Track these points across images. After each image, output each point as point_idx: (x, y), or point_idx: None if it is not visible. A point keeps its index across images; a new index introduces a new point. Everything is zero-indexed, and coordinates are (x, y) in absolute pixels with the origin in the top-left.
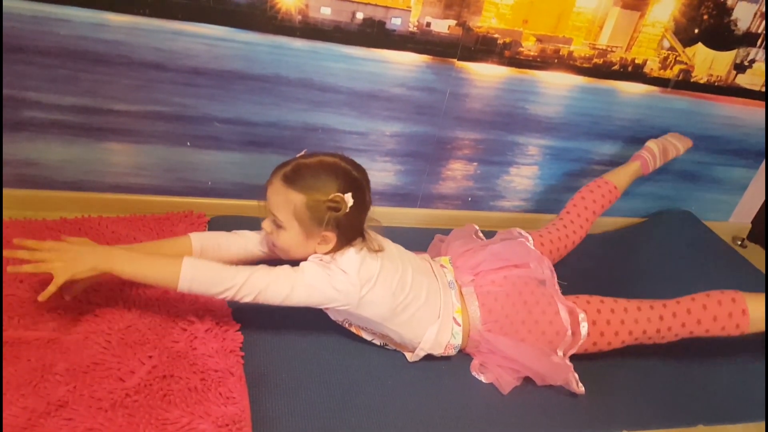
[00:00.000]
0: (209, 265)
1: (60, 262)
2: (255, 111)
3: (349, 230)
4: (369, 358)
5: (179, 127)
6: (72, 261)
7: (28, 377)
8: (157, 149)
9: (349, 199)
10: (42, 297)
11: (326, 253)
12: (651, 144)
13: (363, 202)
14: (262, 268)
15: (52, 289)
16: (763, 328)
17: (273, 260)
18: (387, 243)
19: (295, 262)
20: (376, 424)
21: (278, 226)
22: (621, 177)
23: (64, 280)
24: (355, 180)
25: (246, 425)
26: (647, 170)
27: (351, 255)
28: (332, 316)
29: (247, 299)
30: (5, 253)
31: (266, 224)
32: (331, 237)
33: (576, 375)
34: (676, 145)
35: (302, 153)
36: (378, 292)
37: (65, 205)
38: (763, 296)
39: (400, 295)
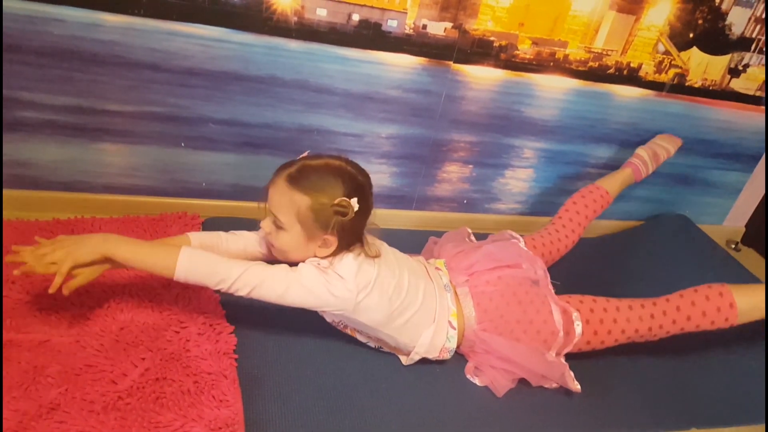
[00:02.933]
0: (206, 256)
1: (62, 250)
2: (250, 112)
3: (351, 235)
4: (363, 361)
5: (174, 127)
6: (73, 246)
7: (19, 379)
8: (152, 150)
9: (355, 204)
10: (51, 289)
11: (324, 257)
12: (640, 150)
13: (366, 208)
14: (260, 264)
15: (58, 279)
16: (753, 318)
17: (272, 261)
18: (384, 247)
19: (292, 264)
20: (370, 428)
21: (279, 227)
22: (613, 183)
23: (69, 266)
24: (361, 185)
25: (239, 428)
26: (639, 176)
27: (349, 261)
28: (327, 318)
29: (242, 293)
30: (7, 258)
31: (266, 224)
32: (333, 241)
33: (571, 373)
34: (666, 147)
35: (305, 154)
36: (374, 298)
37: (58, 205)
38: (750, 287)
39: (396, 301)
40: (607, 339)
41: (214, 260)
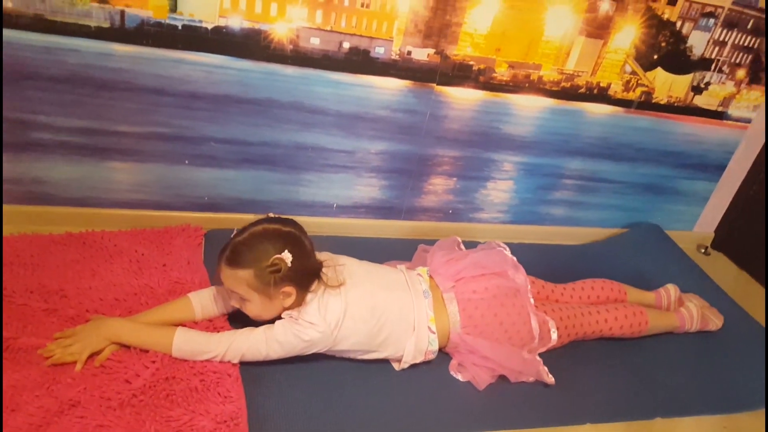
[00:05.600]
0: (197, 337)
1: (79, 343)
2: (249, 132)
3: (303, 276)
4: (356, 360)
5: (178, 146)
6: (87, 339)
7: (41, 380)
8: (158, 167)
9: (287, 255)
10: (77, 369)
11: (293, 308)
12: (691, 304)
13: (302, 250)
14: (243, 333)
15: (79, 366)
16: (657, 332)
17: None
18: (352, 265)
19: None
20: (361, 420)
21: (243, 299)
22: (635, 295)
23: (87, 355)
24: (287, 235)
25: (242, 422)
26: (659, 305)
27: (313, 305)
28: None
29: (234, 361)
30: (39, 351)
31: (234, 302)
32: (290, 290)
33: (545, 368)
34: (715, 322)
35: (234, 232)
36: (349, 325)
37: (70, 220)
38: (663, 314)
39: (372, 320)
40: (567, 339)
41: (203, 339)
